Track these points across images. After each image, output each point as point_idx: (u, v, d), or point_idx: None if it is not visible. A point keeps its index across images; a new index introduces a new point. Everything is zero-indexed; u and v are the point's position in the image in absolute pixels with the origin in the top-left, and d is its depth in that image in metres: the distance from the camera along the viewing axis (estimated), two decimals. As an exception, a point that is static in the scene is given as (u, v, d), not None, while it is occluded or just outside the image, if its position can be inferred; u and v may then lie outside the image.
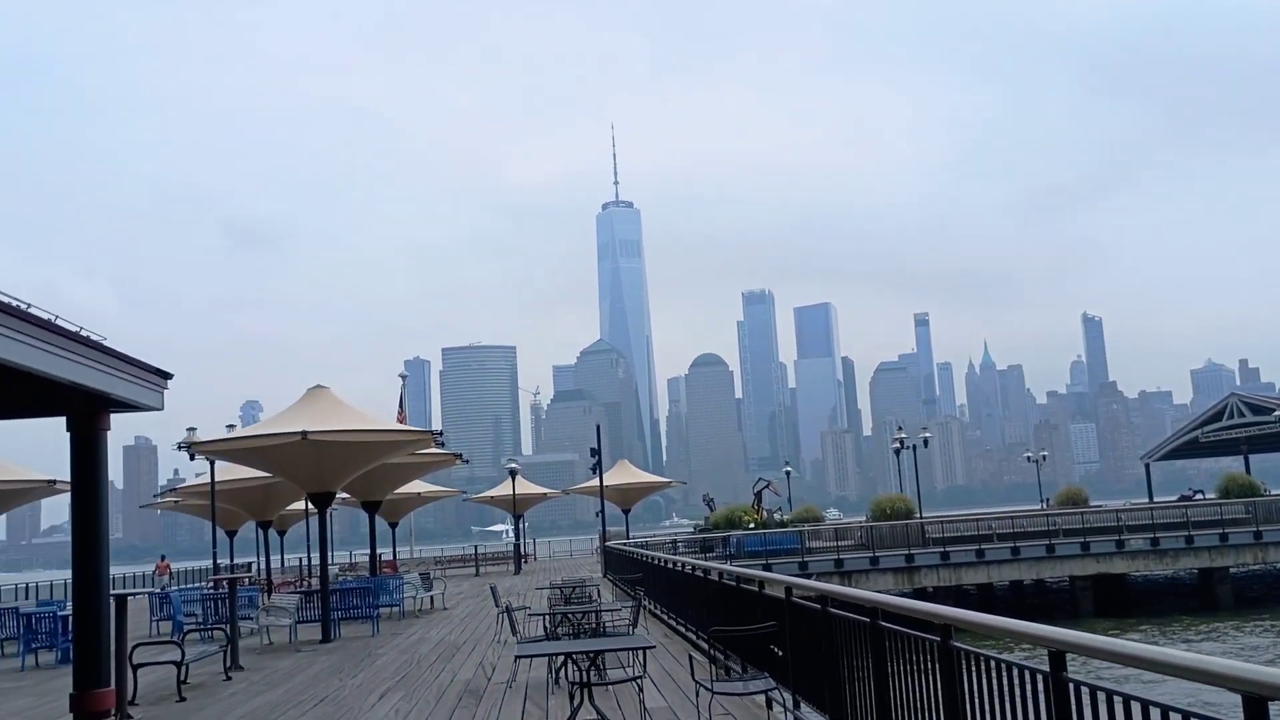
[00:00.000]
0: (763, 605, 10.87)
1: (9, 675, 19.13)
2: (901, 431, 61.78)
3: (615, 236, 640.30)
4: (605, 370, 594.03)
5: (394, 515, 52.14)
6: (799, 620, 9.35)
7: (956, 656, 5.89)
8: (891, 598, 7.27)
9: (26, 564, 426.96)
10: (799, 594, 9.62)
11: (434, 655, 17.75)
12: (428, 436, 21.56)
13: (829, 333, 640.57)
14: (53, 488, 26.39)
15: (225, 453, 21.22)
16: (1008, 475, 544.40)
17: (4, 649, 22.96)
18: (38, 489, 26.56)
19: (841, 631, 8.19)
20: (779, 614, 10.05)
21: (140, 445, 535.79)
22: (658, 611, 20.88)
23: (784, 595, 9.90)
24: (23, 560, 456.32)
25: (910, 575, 44.22)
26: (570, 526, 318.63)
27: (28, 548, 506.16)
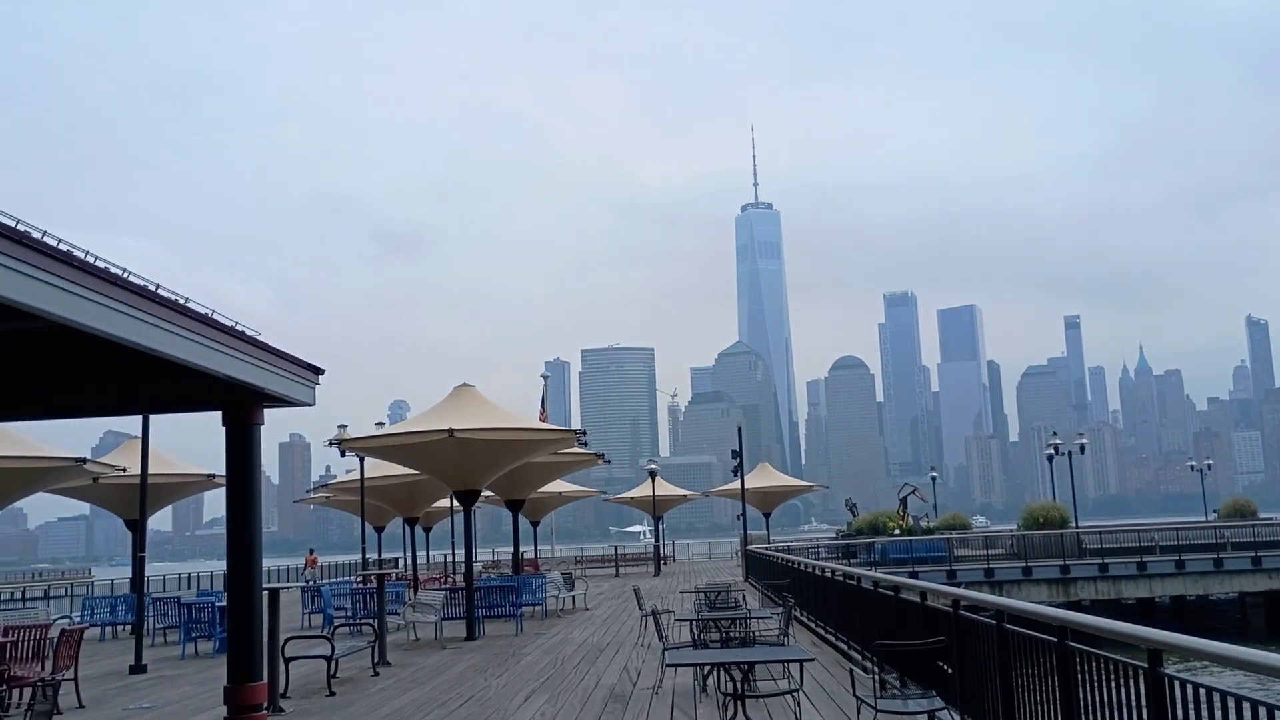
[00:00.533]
0: (926, 618, 10.26)
1: (170, 663, 19.73)
2: (1056, 437, 59.32)
3: (755, 238, 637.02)
4: (744, 372, 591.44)
5: (535, 514, 52.56)
6: (969, 636, 8.73)
7: (1169, 688, 5.24)
8: (1083, 616, 6.62)
9: (190, 554, 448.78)
10: (968, 606, 8.99)
11: (578, 657, 17.56)
12: (571, 436, 21.45)
13: (974, 335, 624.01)
14: (212, 482, 27.25)
15: (374, 449, 21.51)
16: (1164, 485, 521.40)
17: (166, 637, 23.81)
18: (198, 483, 27.51)
19: (1020, 651, 7.56)
20: (944, 628, 9.43)
21: (295, 442, 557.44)
22: (806, 619, 20.28)
23: (950, 608, 9.27)
24: (187, 551, 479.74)
25: (1065, 587, 42.32)
26: (708, 529, 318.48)
27: (191, 539, 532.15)
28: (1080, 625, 6.53)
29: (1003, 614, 7.88)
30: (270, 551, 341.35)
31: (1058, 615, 6.75)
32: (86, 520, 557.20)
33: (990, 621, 8.06)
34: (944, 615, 9.50)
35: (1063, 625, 6.64)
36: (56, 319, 6.19)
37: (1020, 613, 7.64)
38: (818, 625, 18.95)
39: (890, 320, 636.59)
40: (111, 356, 8.94)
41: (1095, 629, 6.33)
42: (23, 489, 23.43)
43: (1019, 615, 7.70)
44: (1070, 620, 6.63)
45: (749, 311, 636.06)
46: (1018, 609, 7.65)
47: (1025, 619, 7.59)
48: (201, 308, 9.19)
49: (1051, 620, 6.82)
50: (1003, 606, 7.89)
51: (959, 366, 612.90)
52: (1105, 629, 6.23)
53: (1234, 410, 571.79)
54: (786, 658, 9.52)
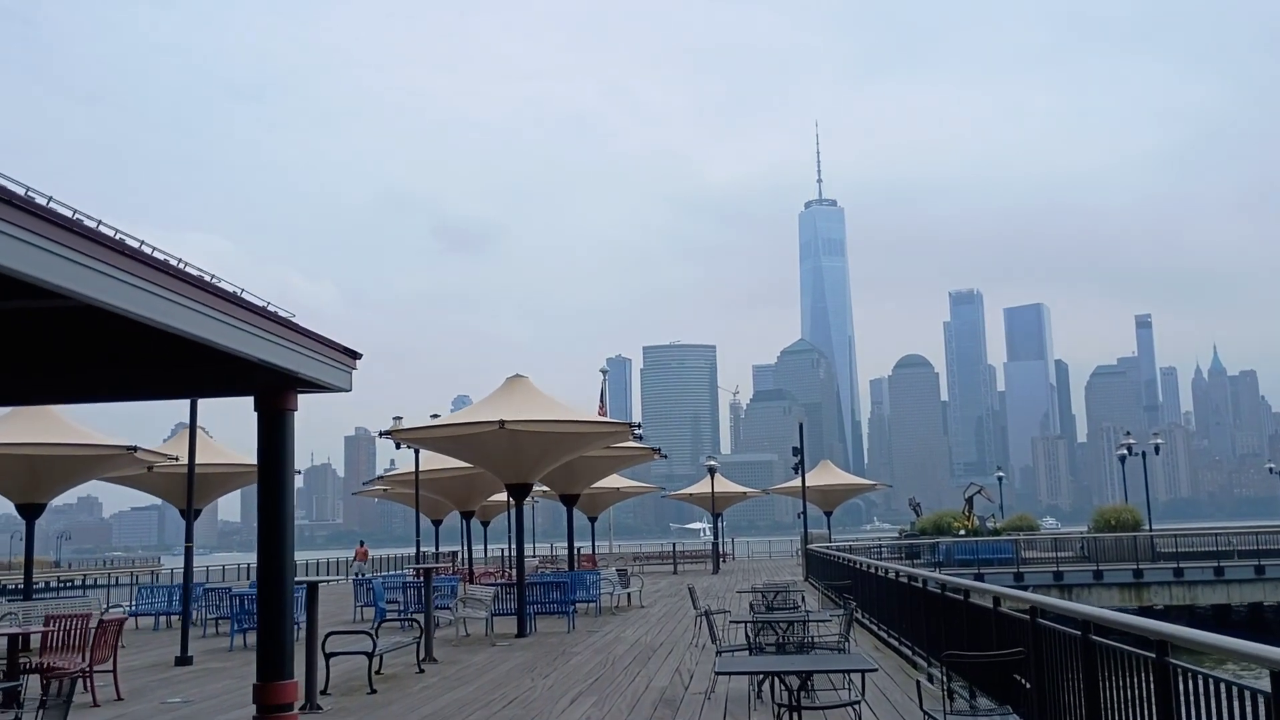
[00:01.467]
0: (999, 625, 9.47)
1: (218, 655, 19.48)
2: (1130, 437, 57.56)
3: (818, 235, 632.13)
4: (806, 370, 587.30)
5: (593, 509, 52.08)
6: (1050, 647, 7.95)
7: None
8: (1182, 629, 5.85)
9: (252, 544, 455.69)
10: (1050, 616, 8.21)
11: (629, 657, 16.96)
12: (626, 429, 20.84)
13: (1041, 334, 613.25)
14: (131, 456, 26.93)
15: (425, 440, 21.08)
16: (1238, 488, 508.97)
17: (219, 628, 23.63)
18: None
19: (1110, 665, 6.80)
20: (1020, 637, 8.65)
21: (360, 435, 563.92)
22: (868, 622, 19.49)
23: (1027, 615, 8.48)
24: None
25: (1138, 591, 40.94)
26: (768, 527, 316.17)
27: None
28: (1182, 640, 5.77)
29: (1089, 624, 7.10)
30: (336, 543, 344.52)
31: (1155, 628, 5.98)
32: (158, 510, 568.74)
33: (1074, 632, 7.28)
34: (1019, 623, 8.72)
35: (1162, 639, 5.88)
36: (77, 296, 5.71)
37: (1109, 623, 6.86)
38: (880, 629, 18.15)
39: (955, 318, 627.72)
40: (138, 339, 8.50)
41: (1200, 644, 5.57)
42: (76, 477, 23.35)
43: (1108, 626, 6.93)
44: (1171, 634, 5.86)
45: (812, 309, 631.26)
46: (1107, 619, 6.87)
47: (1115, 630, 6.82)
48: (231, 286, 8.72)
49: (1148, 633, 6.06)
50: (1089, 616, 7.11)
51: (1026, 366, 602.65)
52: (1212, 644, 5.48)
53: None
54: (847, 667, 8.80)
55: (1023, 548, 45.01)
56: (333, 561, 52.23)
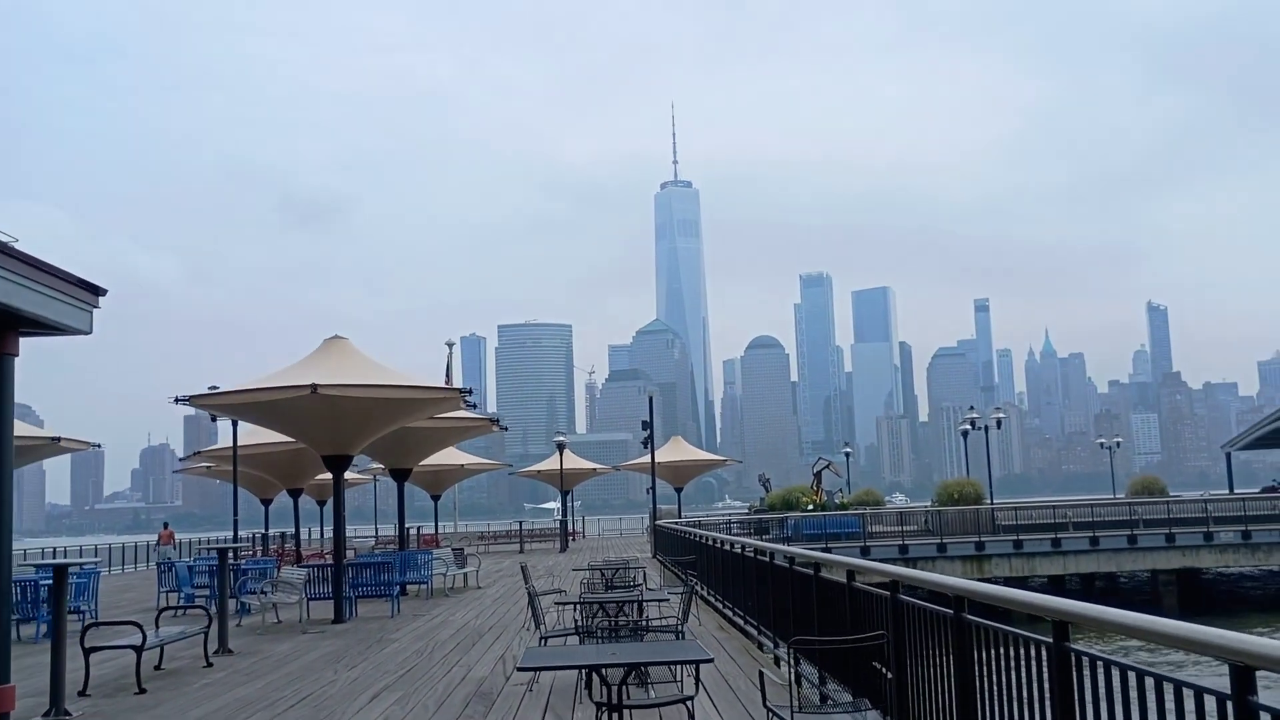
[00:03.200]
0: (854, 602, 8.24)
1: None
2: (973, 411, 58.54)
3: (674, 216, 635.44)
4: (661, 350, 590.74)
5: (436, 487, 50.06)
6: (915, 628, 6.71)
7: None
8: (1088, 606, 4.63)
9: (90, 529, 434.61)
10: (912, 592, 6.99)
11: (452, 643, 15.37)
12: (455, 395, 19.11)
13: (887, 317, 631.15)
14: (58, 445, 24.37)
15: (228, 407, 18.95)
16: (1066, 464, 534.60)
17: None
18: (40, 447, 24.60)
19: (989, 647, 5.59)
20: (879, 616, 7.43)
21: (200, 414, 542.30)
22: (713, 599, 18.35)
23: (886, 590, 7.23)
24: (86, 525, 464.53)
25: (980, 564, 41.37)
26: (623, 506, 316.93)
27: (91, 513, 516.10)
28: (1082, 617, 4.56)
29: (963, 600, 5.88)
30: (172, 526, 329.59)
31: (1054, 606, 4.76)
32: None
33: (946, 610, 6.05)
34: (878, 599, 7.49)
35: (1061, 620, 4.66)
36: None
37: (990, 599, 5.65)
38: (727, 607, 17.01)
39: (806, 300, 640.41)
40: None
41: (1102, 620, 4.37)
42: None
43: (982, 600, 5.72)
44: (1070, 613, 4.64)
45: (667, 290, 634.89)
46: (990, 595, 5.65)
47: (993, 606, 5.61)
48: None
49: (1043, 612, 4.83)
50: (963, 591, 5.88)
51: (872, 347, 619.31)
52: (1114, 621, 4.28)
53: (1133, 393, 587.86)
54: (679, 657, 7.41)
55: (869, 522, 45.10)
56: (135, 547, 48.24)
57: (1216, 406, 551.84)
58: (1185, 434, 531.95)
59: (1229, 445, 71.34)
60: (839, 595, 8.79)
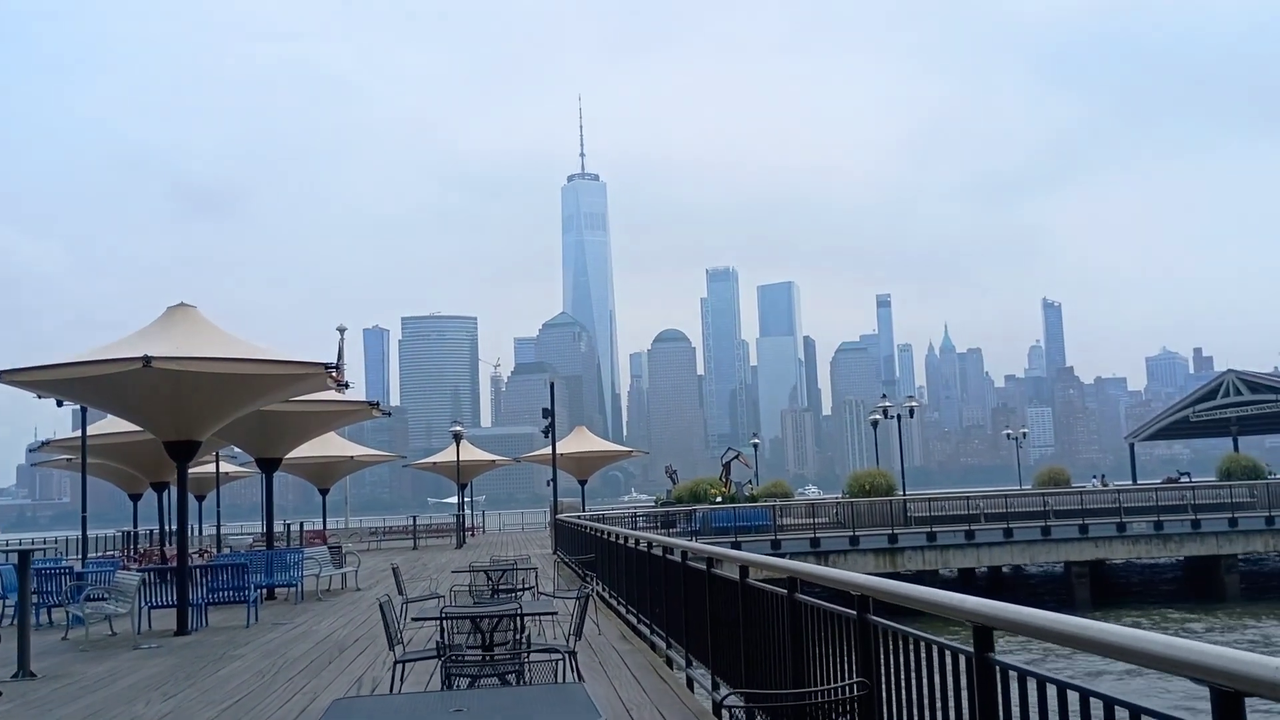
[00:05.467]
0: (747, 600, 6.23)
1: None
2: (885, 399, 57.53)
3: (580, 209, 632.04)
4: (567, 343, 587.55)
5: (325, 480, 47.06)
6: (814, 629, 4.79)
7: None
8: (1014, 608, 2.57)
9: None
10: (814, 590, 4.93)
11: (305, 661, 12.99)
12: (320, 371, 16.59)
13: (791, 312, 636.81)
14: None
15: (47, 384, 16.18)
16: (964, 457, 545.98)
17: None
18: None
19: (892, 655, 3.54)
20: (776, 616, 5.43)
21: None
22: (616, 603, 16.22)
23: (784, 589, 5.38)
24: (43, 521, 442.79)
25: (893, 557, 39.99)
26: (528, 500, 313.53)
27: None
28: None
29: (868, 600, 4.03)
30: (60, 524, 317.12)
31: (975, 608, 2.74)
32: None
33: (849, 611, 4.00)
34: (775, 598, 5.54)
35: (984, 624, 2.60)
36: None
37: (899, 598, 3.77)
38: (630, 612, 14.91)
39: (712, 295, 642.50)
40: None
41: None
42: None
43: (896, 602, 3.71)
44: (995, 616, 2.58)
45: (574, 283, 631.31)
46: (899, 593, 3.82)
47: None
48: None
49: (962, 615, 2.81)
50: (868, 589, 4.12)
51: (776, 341, 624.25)
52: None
53: (1028, 387, 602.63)
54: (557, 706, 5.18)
55: (780, 514, 43.52)
56: None
57: (1107, 401, 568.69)
58: (1078, 427, 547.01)
59: (1132, 436, 71.65)
60: (732, 594, 7.04)
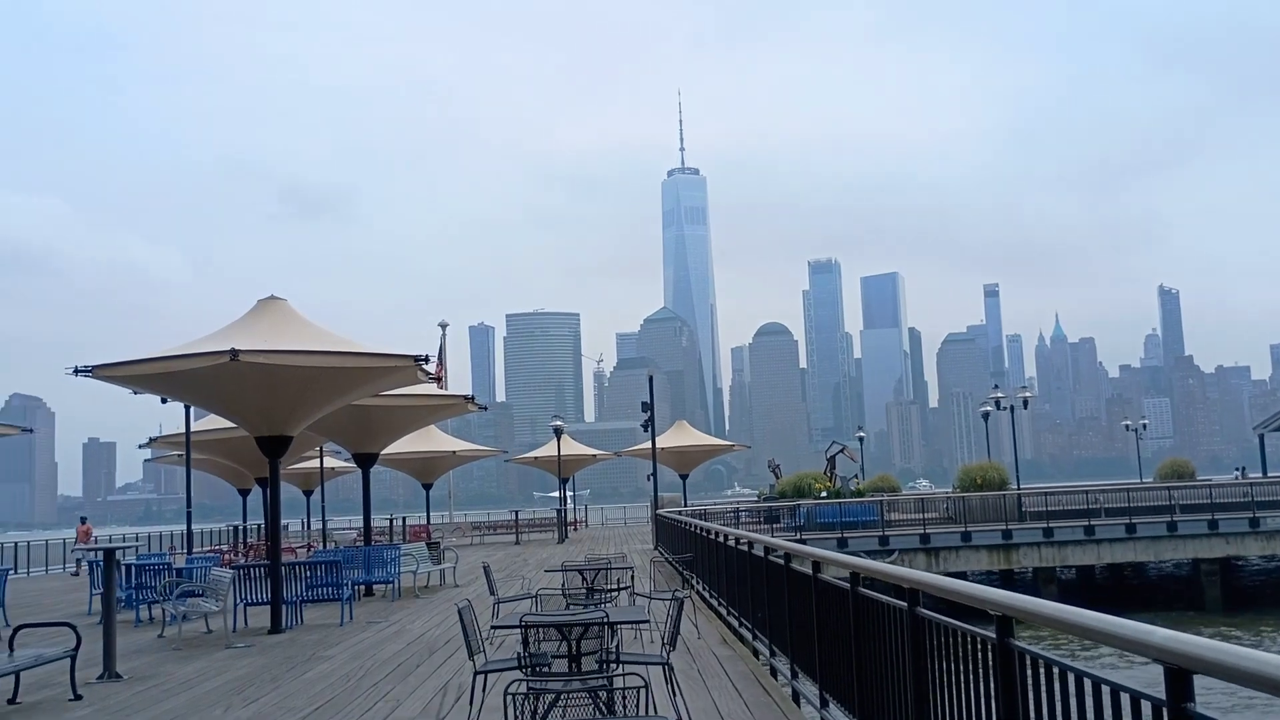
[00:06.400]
0: (820, 596, 5.43)
1: None
2: (997, 390, 55.58)
3: (680, 203, 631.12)
4: (668, 338, 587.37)
5: (427, 475, 47.22)
6: (873, 621, 4.18)
7: None
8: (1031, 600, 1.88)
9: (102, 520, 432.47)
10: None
11: (393, 664, 12.53)
12: (410, 364, 16.15)
13: (896, 303, 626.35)
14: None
15: (137, 379, 16.08)
16: (1078, 450, 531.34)
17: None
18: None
19: None
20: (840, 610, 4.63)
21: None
22: (716, 603, 15.46)
23: (848, 584, 5.16)
24: (98, 517, 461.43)
25: (1007, 554, 38.46)
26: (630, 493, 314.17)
27: (104, 505, 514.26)
28: None
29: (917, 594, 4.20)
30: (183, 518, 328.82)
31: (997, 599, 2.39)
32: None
33: (900, 604, 3.20)
34: (840, 593, 4.84)
35: None
36: None
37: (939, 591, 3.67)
38: (730, 614, 14.12)
39: (814, 287, 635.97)
40: None
41: None
42: None
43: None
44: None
45: (675, 277, 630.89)
46: (939, 586, 4.48)
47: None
48: None
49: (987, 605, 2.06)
50: (917, 583, 4.65)
51: (881, 333, 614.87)
52: None
53: (1145, 377, 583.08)
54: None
55: (887, 509, 42.22)
56: (43, 544, 41.91)
57: (1229, 390, 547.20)
58: (1198, 418, 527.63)
59: (1262, 427, 68.05)
60: (841, 603, 6.37)
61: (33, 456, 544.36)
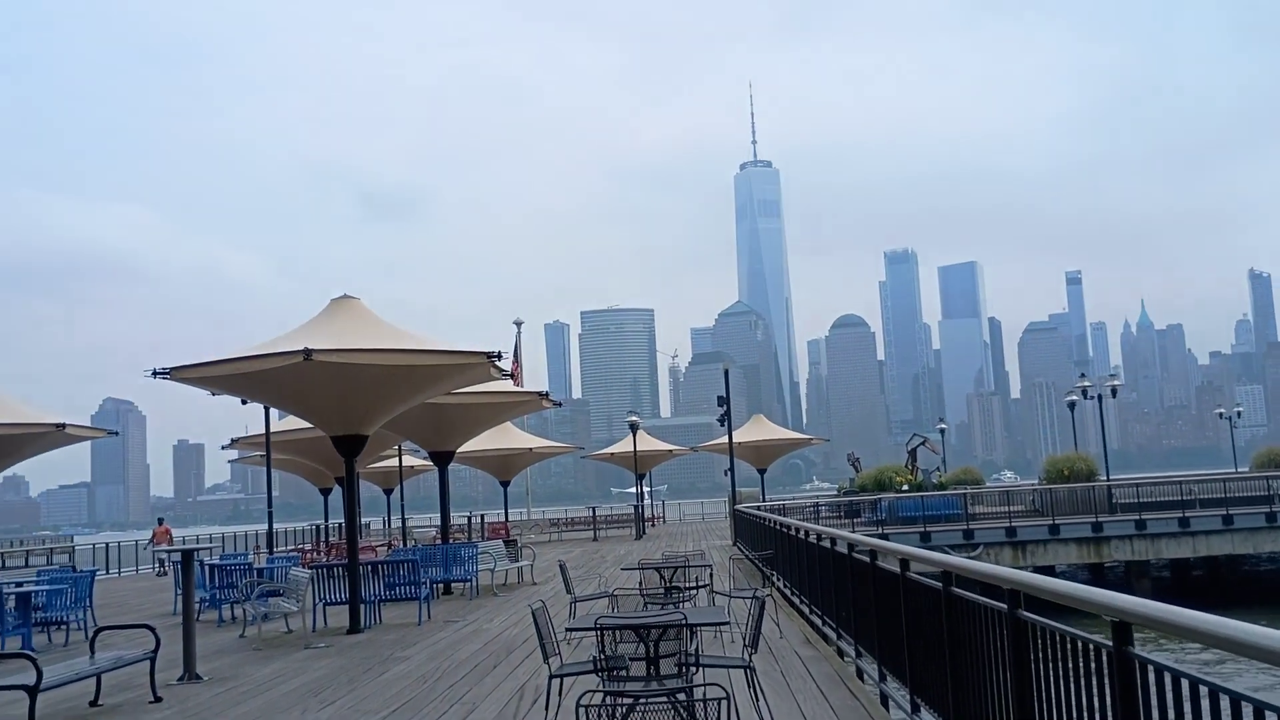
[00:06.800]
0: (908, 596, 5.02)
1: None
2: (1084, 379, 54.10)
3: (754, 197, 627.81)
4: (744, 332, 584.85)
5: (505, 473, 47.39)
6: (968, 624, 3.84)
7: None
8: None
9: (192, 520, 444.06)
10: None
11: (470, 665, 12.37)
12: (483, 361, 15.98)
13: (975, 292, 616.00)
14: (63, 433, 21.95)
15: (211, 381, 16.13)
16: (1166, 439, 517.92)
17: None
18: (45, 435, 22.19)
19: None
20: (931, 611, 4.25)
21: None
22: (798, 600, 15.06)
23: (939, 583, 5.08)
24: (189, 517, 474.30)
25: (1097, 547, 37.33)
26: (709, 488, 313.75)
27: (194, 505, 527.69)
28: None
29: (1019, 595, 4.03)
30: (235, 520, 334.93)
31: None
32: (88, 487, 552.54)
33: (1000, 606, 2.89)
34: (931, 593, 4.62)
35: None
36: None
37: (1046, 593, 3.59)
38: (814, 612, 13.72)
39: (891, 278, 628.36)
40: None
41: None
42: (10, 457, 23.25)
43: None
44: None
45: (749, 271, 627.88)
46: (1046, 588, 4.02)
47: None
48: None
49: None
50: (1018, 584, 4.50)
51: (960, 324, 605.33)
52: None
53: (1236, 364, 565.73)
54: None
55: (971, 502, 41.28)
56: (130, 545, 42.77)
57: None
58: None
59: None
60: (933, 603, 6.05)
61: (126, 459, 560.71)
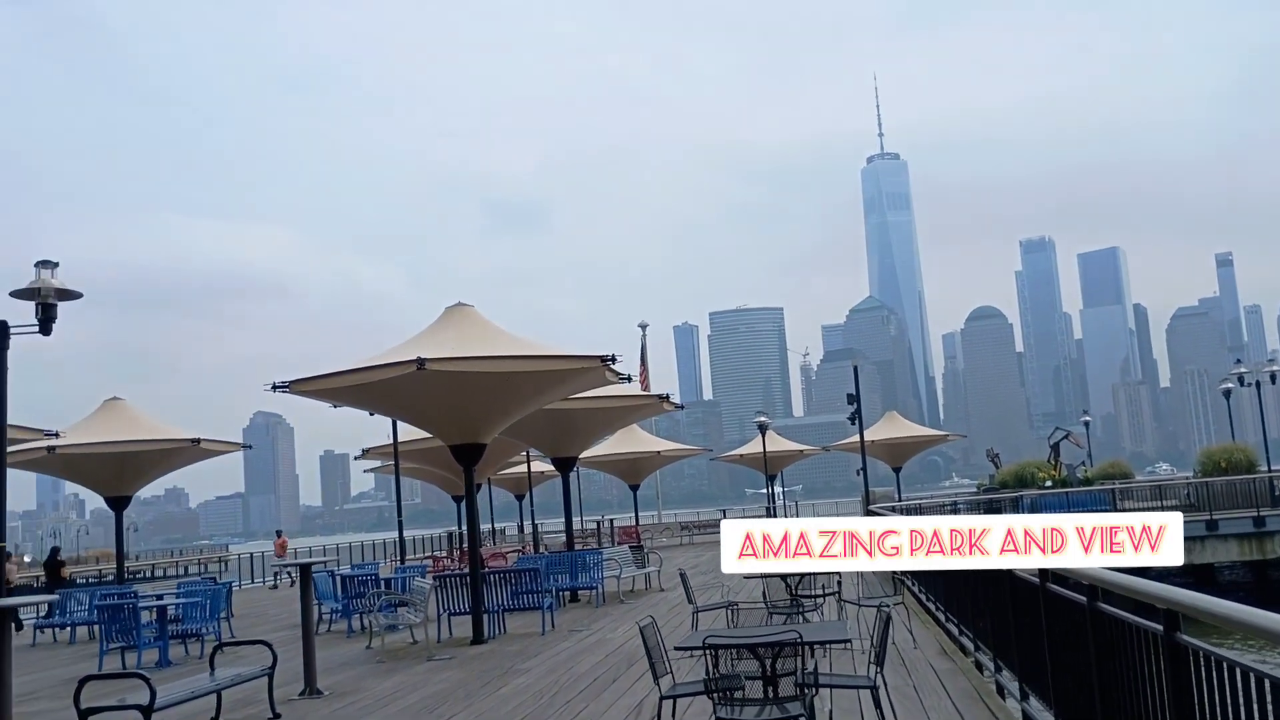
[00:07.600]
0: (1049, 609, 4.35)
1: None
2: (1241, 365, 51.10)
3: (881, 190, 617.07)
4: (876, 328, 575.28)
5: (634, 476, 47.12)
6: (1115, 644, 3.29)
7: None
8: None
9: (339, 528, 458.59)
10: None
11: (589, 679, 12.02)
12: (598, 364, 15.65)
13: (1118, 279, 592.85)
14: (198, 448, 22.53)
15: (329, 392, 16.20)
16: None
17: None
18: (181, 451, 22.83)
19: None
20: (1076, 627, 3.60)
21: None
22: (934, 608, 14.31)
23: None
24: (336, 525, 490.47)
25: (1260, 543, 35.06)
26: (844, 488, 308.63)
27: (340, 513, 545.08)
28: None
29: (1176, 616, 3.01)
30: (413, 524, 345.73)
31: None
32: (242, 498, 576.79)
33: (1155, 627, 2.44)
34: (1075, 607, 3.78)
35: None
36: None
37: None
38: (950, 620, 12.96)
39: (1027, 267, 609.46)
40: None
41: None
42: (154, 470, 24.35)
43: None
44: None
45: (879, 265, 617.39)
46: None
47: None
48: None
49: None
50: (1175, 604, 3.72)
51: (1103, 311, 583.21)
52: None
53: None
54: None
55: (1119, 498, 39.36)
56: (259, 556, 43.50)
57: None
58: None
59: None
60: (1078, 619, 5.64)
61: (276, 470, 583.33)
